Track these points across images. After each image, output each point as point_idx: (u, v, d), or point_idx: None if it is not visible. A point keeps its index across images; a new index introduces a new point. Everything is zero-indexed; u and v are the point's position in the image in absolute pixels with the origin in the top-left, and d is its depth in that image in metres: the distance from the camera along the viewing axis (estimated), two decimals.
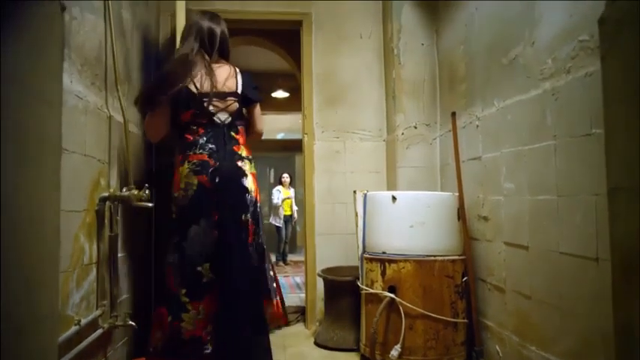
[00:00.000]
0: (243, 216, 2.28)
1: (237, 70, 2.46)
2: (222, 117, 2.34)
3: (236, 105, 2.37)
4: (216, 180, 2.24)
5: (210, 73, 2.33)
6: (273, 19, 3.58)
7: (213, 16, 2.48)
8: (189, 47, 2.37)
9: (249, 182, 2.32)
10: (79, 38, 1.82)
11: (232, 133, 2.35)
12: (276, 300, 2.41)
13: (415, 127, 3.33)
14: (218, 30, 2.44)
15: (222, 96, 2.34)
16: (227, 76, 2.38)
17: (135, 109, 2.60)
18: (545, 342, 2.00)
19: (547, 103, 1.97)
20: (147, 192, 2.15)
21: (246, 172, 2.32)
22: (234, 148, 2.33)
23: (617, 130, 1.19)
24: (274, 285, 2.43)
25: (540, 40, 2.03)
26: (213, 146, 2.28)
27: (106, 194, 2.03)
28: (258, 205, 2.39)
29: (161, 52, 3.29)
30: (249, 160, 2.37)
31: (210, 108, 2.30)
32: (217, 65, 2.40)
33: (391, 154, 3.45)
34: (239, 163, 2.30)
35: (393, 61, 3.39)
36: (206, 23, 2.42)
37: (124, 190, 2.17)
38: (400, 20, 3.37)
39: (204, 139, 2.28)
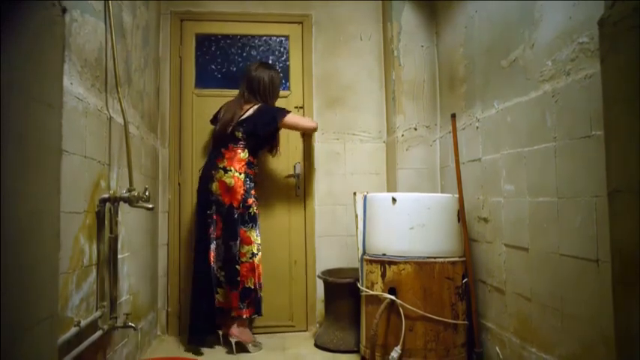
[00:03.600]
0: (207, 211, 2.98)
1: (256, 106, 3.06)
2: (219, 138, 3.07)
3: (229, 130, 3.01)
4: (199, 182, 3.09)
5: (231, 109, 3.08)
6: (272, 21, 3.58)
7: (260, 66, 3.16)
8: (239, 90, 3.20)
9: (214, 186, 2.95)
10: (80, 40, 1.82)
11: (222, 149, 3.03)
12: (233, 293, 2.92)
13: (415, 129, 3.33)
14: (260, 79, 3.11)
15: (225, 124, 3.03)
16: (242, 112, 3.05)
17: (135, 111, 2.61)
18: (545, 344, 2.00)
19: (547, 104, 1.97)
20: (147, 193, 2.15)
21: (214, 178, 2.96)
22: (216, 160, 3.01)
23: (617, 132, 1.19)
24: (238, 278, 2.92)
25: (540, 42, 2.03)
26: (207, 159, 3.13)
27: (107, 195, 2.03)
28: (231, 205, 2.94)
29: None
30: (224, 170, 2.96)
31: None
32: (248, 104, 3.07)
33: (391, 155, 3.45)
34: (212, 171, 2.98)
35: (393, 62, 3.40)
36: (252, 73, 3.13)
37: (125, 191, 2.17)
38: (400, 22, 3.38)
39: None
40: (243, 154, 3.00)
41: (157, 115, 3.32)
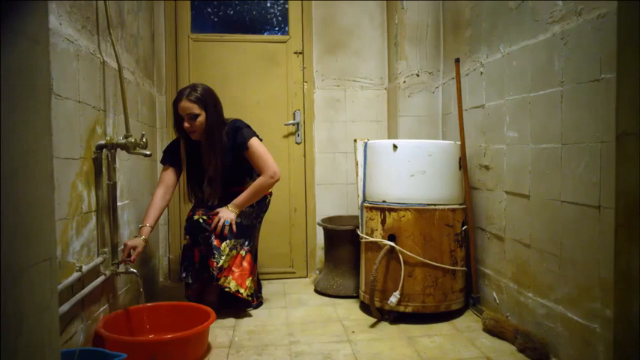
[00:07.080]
0: None
1: None
2: None
3: None
4: None
5: None
6: None
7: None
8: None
9: None
10: None
11: None
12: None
13: (417, 75, 3.25)
14: None
15: None
16: None
17: (129, 56, 2.53)
18: (542, 289, 2.02)
19: (555, 47, 1.90)
20: (144, 140, 2.11)
21: None
22: None
23: (630, 73, 1.15)
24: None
25: None
26: None
27: (103, 142, 1.99)
28: None
29: None
30: None
31: None
32: None
33: (392, 102, 3.39)
34: None
35: (396, 5, 3.27)
36: None
37: (122, 137, 2.13)
38: None
39: None
40: None
41: (153, 61, 3.23)
